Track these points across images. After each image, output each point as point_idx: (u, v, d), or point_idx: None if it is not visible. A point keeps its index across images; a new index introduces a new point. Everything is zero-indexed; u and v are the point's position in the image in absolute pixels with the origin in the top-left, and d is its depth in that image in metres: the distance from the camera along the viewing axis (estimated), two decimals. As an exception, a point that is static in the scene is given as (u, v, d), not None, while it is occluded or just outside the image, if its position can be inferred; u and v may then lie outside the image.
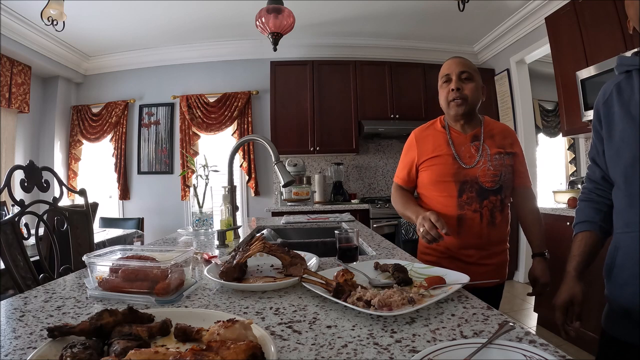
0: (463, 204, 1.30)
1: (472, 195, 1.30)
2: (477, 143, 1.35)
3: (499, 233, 1.34)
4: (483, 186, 1.30)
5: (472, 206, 1.30)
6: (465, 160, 1.33)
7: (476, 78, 1.37)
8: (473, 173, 1.31)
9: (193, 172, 2.60)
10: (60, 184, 1.52)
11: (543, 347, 0.50)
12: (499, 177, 1.31)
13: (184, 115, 4.19)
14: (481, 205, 1.30)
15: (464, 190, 1.31)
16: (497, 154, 1.33)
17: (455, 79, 1.34)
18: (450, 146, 1.35)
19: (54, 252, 1.42)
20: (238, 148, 1.63)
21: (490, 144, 1.35)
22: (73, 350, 0.45)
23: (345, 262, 1.01)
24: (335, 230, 1.10)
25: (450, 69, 1.37)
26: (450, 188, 1.32)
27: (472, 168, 1.32)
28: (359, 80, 3.97)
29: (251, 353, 0.44)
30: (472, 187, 1.30)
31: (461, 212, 1.30)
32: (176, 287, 0.78)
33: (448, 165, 1.34)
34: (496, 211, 1.31)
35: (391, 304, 0.65)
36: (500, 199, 1.32)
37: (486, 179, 1.30)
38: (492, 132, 1.39)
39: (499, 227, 1.33)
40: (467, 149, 1.35)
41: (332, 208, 3.54)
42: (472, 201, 1.30)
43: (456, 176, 1.32)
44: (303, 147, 3.91)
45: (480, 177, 1.31)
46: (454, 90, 1.33)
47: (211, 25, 3.79)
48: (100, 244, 2.52)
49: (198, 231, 1.72)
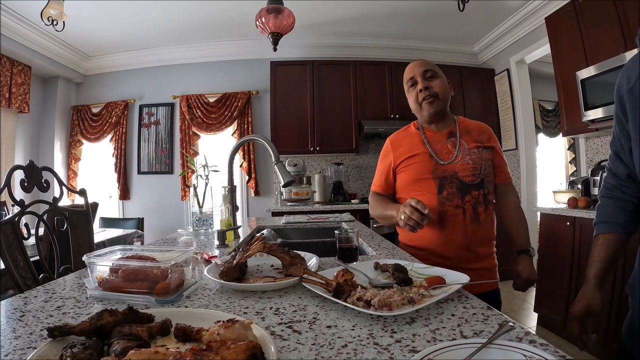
0: (444, 200, 1.28)
1: (453, 190, 1.28)
2: (453, 139, 1.35)
3: (485, 231, 1.31)
4: (463, 181, 1.28)
5: (453, 202, 1.28)
6: (442, 156, 1.33)
7: (441, 74, 1.39)
8: (452, 168, 1.30)
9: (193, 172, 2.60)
10: (60, 184, 1.52)
11: (543, 347, 0.50)
12: (479, 171, 1.29)
13: (184, 115, 4.19)
14: (463, 201, 1.28)
15: (443, 186, 1.29)
16: (475, 147, 1.33)
17: (420, 79, 1.36)
18: (426, 144, 1.36)
19: (54, 252, 1.42)
20: (238, 148, 1.63)
21: (467, 139, 1.35)
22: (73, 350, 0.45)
23: (345, 262, 1.01)
24: (335, 230, 1.10)
25: (413, 71, 1.39)
26: (429, 185, 1.30)
27: (451, 163, 1.31)
28: (359, 80, 3.97)
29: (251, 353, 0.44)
30: (452, 182, 1.29)
31: (442, 208, 1.28)
32: (176, 287, 0.78)
33: (425, 163, 1.33)
34: (479, 207, 1.29)
35: (391, 304, 0.65)
36: (483, 194, 1.30)
37: (466, 173, 1.29)
38: (468, 128, 1.39)
39: (484, 225, 1.30)
40: (443, 146, 1.35)
41: (332, 208, 3.54)
42: (453, 197, 1.28)
43: (435, 173, 1.31)
44: (303, 147, 3.91)
45: (460, 171, 1.29)
46: (422, 90, 1.34)
47: (211, 25, 3.79)
48: (100, 244, 2.52)
49: (198, 231, 1.72)
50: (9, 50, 3.43)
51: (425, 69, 1.36)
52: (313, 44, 4.22)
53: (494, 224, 1.36)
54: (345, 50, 4.23)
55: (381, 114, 3.97)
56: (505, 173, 1.41)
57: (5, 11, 3.19)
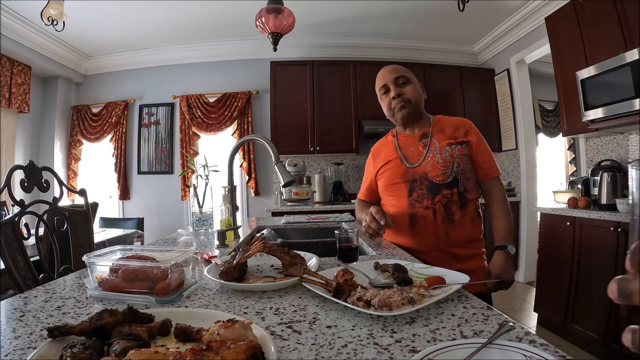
0: (414, 202, 1.29)
1: (423, 192, 1.28)
2: (425, 140, 1.36)
3: (461, 232, 1.26)
4: (433, 181, 1.28)
5: (423, 203, 1.28)
6: (412, 159, 1.35)
7: (412, 79, 1.40)
8: (422, 170, 1.31)
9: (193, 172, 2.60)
10: (60, 184, 1.52)
11: (543, 347, 0.50)
12: (450, 169, 1.27)
13: (184, 115, 4.19)
14: (433, 201, 1.26)
15: (414, 189, 1.30)
16: (447, 145, 1.31)
17: (392, 87, 1.37)
18: (397, 150, 1.39)
19: (54, 252, 1.42)
20: (238, 148, 1.63)
21: (440, 138, 1.34)
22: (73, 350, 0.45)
23: (345, 262, 1.01)
24: (335, 230, 1.10)
25: (385, 78, 1.40)
26: (400, 189, 1.33)
27: (420, 165, 1.32)
28: (359, 80, 3.97)
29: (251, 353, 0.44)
30: (422, 183, 1.29)
31: (412, 210, 1.28)
32: (176, 287, 0.78)
33: (397, 168, 1.36)
34: (453, 206, 1.26)
35: (391, 304, 0.65)
36: (458, 193, 1.26)
37: (436, 173, 1.28)
38: (443, 126, 1.38)
39: (460, 225, 1.26)
40: (415, 149, 1.36)
41: (332, 208, 3.54)
42: (422, 198, 1.28)
43: (405, 176, 1.33)
44: (303, 147, 3.91)
45: (430, 172, 1.29)
46: (395, 97, 1.36)
47: (211, 25, 3.79)
48: (100, 244, 2.52)
49: (198, 231, 1.72)
50: (9, 50, 3.43)
51: (396, 76, 1.38)
52: (313, 44, 4.22)
53: (475, 223, 1.31)
54: (345, 50, 4.23)
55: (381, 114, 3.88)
56: (487, 167, 1.33)
57: (5, 11, 3.19)
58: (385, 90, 1.41)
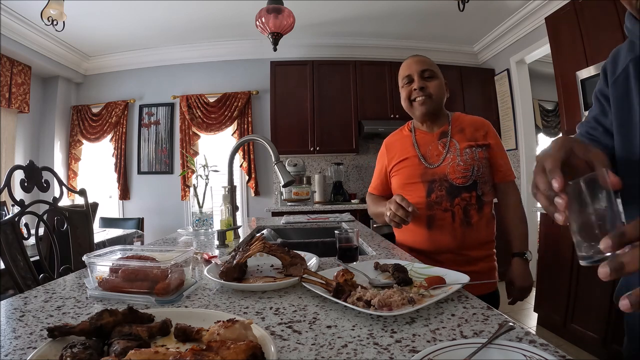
0: (432, 204, 1.26)
1: (442, 193, 1.25)
2: (444, 140, 1.31)
3: (478, 234, 1.26)
4: (453, 183, 1.25)
5: (442, 205, 1.25)
6: (431, 159, 1.30)
7: (439, 75, 1.35)
8: (441, 171, 1.27)
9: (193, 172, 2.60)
10: (60, 184, 1.52)
11: (543, 347, 0.50)
12: (471, 172, 1.25)
13: (184, 115, 4.19)
14: (452, 204, 1.24)
15: (432, 190, 1.26)
16: (467, 147, 1.27)
17: (417, 78, 1.31)
18: (415, 147, 1.34)
19: (54, 252, 1.42)
20: (238, 148, 1.63)
21: (460, 139, 1.30)
22: (73, 350, 0.45)
23: (345, 262, 1.01)
24: (335, 230, 1.10)
25: (410, 69, 1.33)
26: (418, 189, 1.29)
27: (439, 166, 1.27)
28: (359, 80, 3.97)
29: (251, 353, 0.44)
30: (442, 185, 1.25)
31: (430, 212, 1.25)
32: (176, 287, 0.78)
33: (414, 167, 1.31)
34: (471, 209, 1.24)
35: (391, 304, 0.65)
36: (476, 196, 1.25)
37: (456, 175, 1.25)
38: (462, 125, 1.33)
39: (477, 228, 1.25)
40: (434, 148, 1.31)
41: (332, 208, 3.54)
42: (441, 200, 1.25)
43: (423, 176, 1.29)
44: (303, 147, 3.91)
45: (450, 174, 1.25)
46: (416, 89, 1.30)
47: (211, 25, 3.79)
48: (100, 244, 2.52)
49: (198, 231, 1.72)
50: (9, 50, 3.43)
51: (423, 68, 1.32)
52: (313, 44, 4.22)
53: (490, 226, 1.31)
54: (345, 50, 4.23)
55: (381, 114, 3.97)
56: (504, 171, 1.33)
57: (5, 11, 3.19)
58: (408, 80, 1.34)
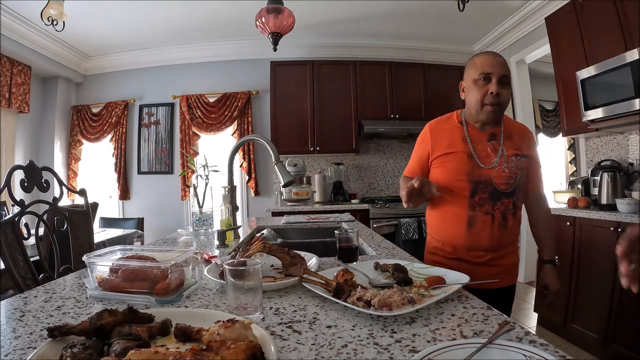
0: (475, 205, 1.26)
1: (485, 196, 1.26)
2: (494, 143, 1.29)
3: (511, 235, 1.31)
4: (497, 188, 1.26)
5: (484, 207, 1.25)
6: (482, 159, 1.28)
7: (511, 83, 1.33)
8: (488, 174, 1.26)
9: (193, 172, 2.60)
10: (60, 184, 1.52)
11: (543, 347, 0.50)
12: (514, 180, 1.26)
13: (184, 115, 4.19)
14: (493, 208, 1.25)
15: (477, 191, 1.26)
16: (513, 155, 1.28)
17: (496, 81, 1.25)
18: (468, 143, 1.29)
19: (54, 252, 1.42)
20: (238, 148, 1.63)
21: (508, 145, 1.29)
22: (73, 350, 0.45)
23: (345, 262, 1.01)
24: (335, 230, 1.10)
25: (492, 68, 1.25)
26: (463, 187, 1.27)
27: (489, 169, 1.26)
28: (359, 80, 3.97)
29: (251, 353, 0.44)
30: (486, 188, 1.25)
31: (472, 212, 1.26)
32: (176, 287, 0.78)
33: (463, 163, 1.28)
34: (508, 214, 1.27)
35: (391, 304, 0.65)
36: (513, 202, 1.28)
37: (501, 181, 1.26)
38: (511, 132, 1.33)
39: (511, 230, 1.30)
40: (483, 148, 1.29)
41: (332, 208, 3.53)
42: (484, 202, 1.26)
43: (470, 175, 1.26)
44: (303, 147, 3.91)
45: (495, 178, 1.25)
46: (493, 93, 1.24)
47: (211, 25, 3.79)
48: (100, 244, 2.52)
49: (198, 231, 1.72)
50: (9, 50, 3.43)
51: (504, 73, 1.26)
52: (313, 44, 4.22)
53: (519, 226, 1.36)
54: (345, 50, 4.23)
55: (381, 114, 3.97)
56: (539, 181, 1.38)
57: (5, 11, 3.18)
58: (485, 77, 1.25)
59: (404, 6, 3.48)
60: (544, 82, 4.36)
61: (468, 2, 2.68)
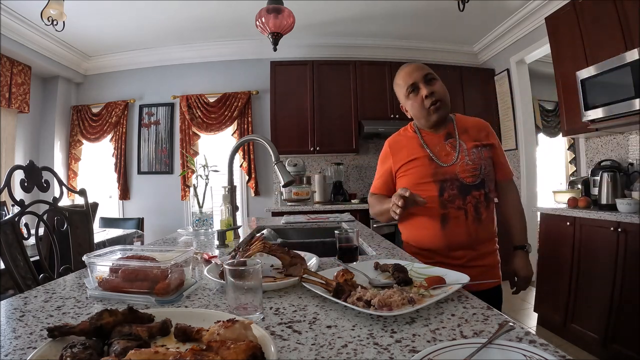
0: (446, 203, 1.29)
1: (454, 192, 1.28)
2: (451, 140, 1.35)
3: (486, 230, 1.32)
4: (464, 182, 1.29)
5: (455, 203, 1.28)
6: (442, 159, 1.33)
7: (437, 76, 1.37)
8: (452, 170, 1.30)
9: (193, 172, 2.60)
10: (60, 184, 1.52)
11: (543, 347, 0.50)
12: (479, 171, 1.30)
13: (184, 115, 4.19)
14: (465, 202, 1.28)
15: (444, 189, 1.29)
16: (474, 147, 1.32)
17: (423, 85, 1.32)
18: (425, 148, 1.35)
19: (54, 252, 1.42)
20: (238, 148, 1.63)
21: (466, 139, 1.34)
22: (73, 350, 0.45)
23: (345, 262, 1.01)
24: (335, 230, 1.10)
25: (413, 77, 1.34)
26: (430, 188, 1.30)
27: (451, 165, 1.31)
28: (359, 80, 3.97)
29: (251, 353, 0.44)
30: (453, 184, 1.29)
31: (444, 210, 1.29)
32: (176, 287, 0.78)
33: (425, 167, 1.33)
34: (481, 207, 1.29)
35: (391, 304, 0.65)
36: (484, 194, 1.30)
37: (466, 175, 1.29)
38: (465, 126, 1.38)
39: (485, 224, 1.31)
40: (442, 148, 1.34)
41: (332, 208, 3.53)
42: (454, 198, 1.28)
43: (435, 176, 1.31)
44: (303, 147, 3.91)
45: (460, 173, 1.29)
46: (428, 96, 1.31)
47: (211, 25, 3.79)
48: (100, 244, 2.52)
49: (198, 231, 1.72)
50: (9, 50, 3.43)
51: (425, 73, 1.33)
52: (313, 44, 4.22)
53: (494, 221, 1.37)
54: (345, 50, 4.23)
55: (381, 114, 3.97)
56: (505, 169, 1.41)
57: (5, 11, 3.18)
58: (413, 89, 1.34)
59: (404, 6, 3.48)
60: (544, 82, 4.36)
61: (468, 2, 2.68)
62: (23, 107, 3.74)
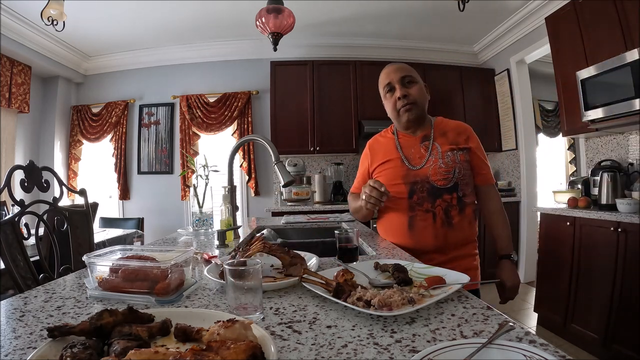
0: (414, 205, 1.29)
1: (423, 195, 1.28)
2: (427, 143, 1.35)
3: (459, 234, 1.30)
4: (435, 185, 1.28)
5: (423, 206, 1.28)
6: (414, 161, 1.34)
7: (418, 79, 1.37)
8: (423, 173, 1.30)
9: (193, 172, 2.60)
10: (60, 184, 1.52)
11: (543, 347, 0.50)
12: (452, 174, 1.29)
13: (184, 115, 4.19)
14: (434, 205, 1.28)
15: (414, 191, 1.30)
16: (449, 150, 1.32)
17: (398, 86, 1.34)
18: (399, 150, 1.36)
19: (54, 252, 1.42)
20: (238, 148, 1.63)
21: (442, 142, 1.34)
22: (73, 350, 0.45)
23: (345, 262, 1.01)
24: (335, 230, 1.10)
25: (389, 77, 1.36)
26: (400, 190, 1.31)
27: (422, 168, 1.31)
28: (359, 80, 3.97)
29: (251, 353, 0.44)
30: (423, 187, 1.29)
31: (412, 213, 1.29)
32: (176, 287, 0.77)
33: (397, 169, 1.34)
34: (452, 210, 1.28)
35: (391, 304, 0.65)
36: (457, 197, 1.29)
37: (437, 177, 1.29)
38: (444, 129, 1.38)
39: (458, 228, 1.29)
40: (416, 150, 1.35)
41: (332, 208, 3.53)
42: (423, 201, 1.28)
43: (405, 178, 1.31)
44: (303, 147, 3.91)
45: (432, 175, 1.29)
46: (400, 98, 1.33)
47: (211, 25, 3.79)
48: (100, 244, 2.52)
49: (198, 231, 1.72)
50: (9, 50, 3.43)
51: (403, 75, 1.35)
52: (313, 44, 4.22)
53: (472, 226, 1.35)
54: (345, 50, 4.23)
55: (381, 114, 3.87)
56: (485, 174, 1.38)
57: (5, 11, 3.18)
58: (389, 89, 1.37)
59: (404, 6, 3.48)
60: (544, 82, 4.36)
61: (468, 2, 2.68)
62: (23, 107, 3.74)
